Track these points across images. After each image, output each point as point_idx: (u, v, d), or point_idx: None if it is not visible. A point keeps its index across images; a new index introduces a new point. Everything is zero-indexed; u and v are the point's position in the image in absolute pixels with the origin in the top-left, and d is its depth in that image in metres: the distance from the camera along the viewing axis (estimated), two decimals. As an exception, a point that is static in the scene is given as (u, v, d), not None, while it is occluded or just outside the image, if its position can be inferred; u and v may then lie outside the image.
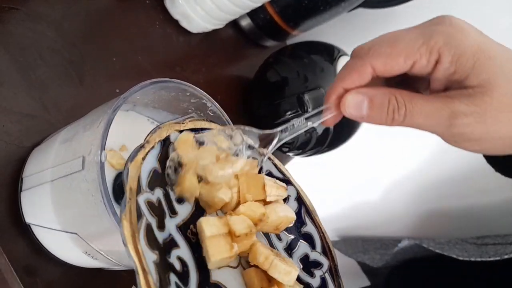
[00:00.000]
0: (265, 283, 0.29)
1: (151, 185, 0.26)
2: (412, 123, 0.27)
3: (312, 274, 0.34)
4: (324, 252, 0.35)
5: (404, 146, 0.85)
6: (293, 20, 0.64)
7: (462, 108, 0.25)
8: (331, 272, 0.34)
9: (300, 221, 0.36)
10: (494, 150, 0.28)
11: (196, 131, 0.32)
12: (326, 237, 0.35)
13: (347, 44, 0.68)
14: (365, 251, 0.96)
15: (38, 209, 0.33)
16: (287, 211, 0.33)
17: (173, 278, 0.24)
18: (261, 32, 0.67)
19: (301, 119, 0.31)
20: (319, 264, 0.34)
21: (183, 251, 0.26)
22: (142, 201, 0.24)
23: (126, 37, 0.52)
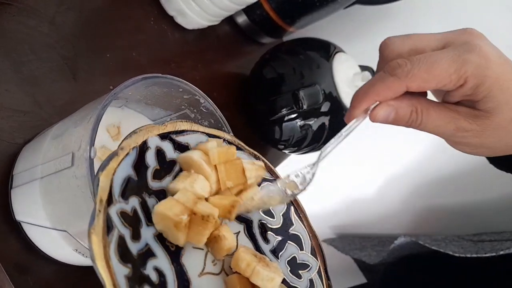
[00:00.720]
0: (248, 290, 0.29)
1: (125, 195, 0.25)
2: (424, 129, 0.34)
3: (299, 277, 0.33)
4: (313, 253, 0.35)
5: (400, 143, 0.85)
6: (289, 17, 0.64)
7: (465, 125, 0.32)
8: (320, 274, 0.34)
9: (289, 221, 0.35)
10: (487, 154, 0.36)
11: (176, 133, 0.31)
12: (316, 236, 0.35)
13: (344, 41, 0.67)
14: (362, 248, 0.96)
15: (28, 206, 0.33)
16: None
17: None
18: (257, 29, 0.67)
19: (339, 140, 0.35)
20: (307, 266, 0.34)
21: (160, 260, 0.25)
22: (114, 212, 0.24)
23: (121, 32, 0.51)
